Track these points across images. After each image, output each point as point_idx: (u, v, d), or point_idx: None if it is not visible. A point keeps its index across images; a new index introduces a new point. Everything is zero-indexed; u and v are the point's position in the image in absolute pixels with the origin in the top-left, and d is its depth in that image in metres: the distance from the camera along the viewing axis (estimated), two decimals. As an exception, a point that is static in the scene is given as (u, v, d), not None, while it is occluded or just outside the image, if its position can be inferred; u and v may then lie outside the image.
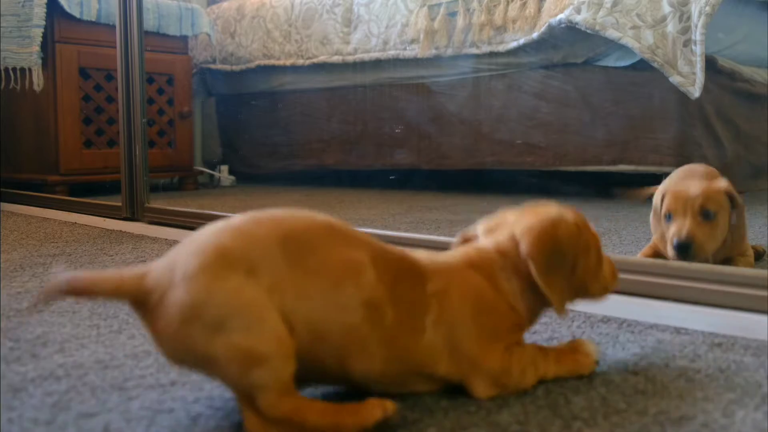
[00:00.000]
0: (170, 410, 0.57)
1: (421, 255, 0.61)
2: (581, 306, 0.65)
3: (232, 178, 3.07)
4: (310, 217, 0.56)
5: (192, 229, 1.54)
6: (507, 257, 0.62)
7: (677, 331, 0.78)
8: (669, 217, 1.10)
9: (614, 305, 0.86)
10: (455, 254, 0.63)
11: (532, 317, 0.64)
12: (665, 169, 1.97)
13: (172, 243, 1.44)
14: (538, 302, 0.63)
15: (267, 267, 0.51)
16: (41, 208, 2.04)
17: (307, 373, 0.53)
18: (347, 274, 0.53)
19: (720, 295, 0.87)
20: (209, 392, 0.61)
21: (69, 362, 0.69)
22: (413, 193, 2.47)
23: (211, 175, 3.09)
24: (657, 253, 1.17)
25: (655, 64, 1.85)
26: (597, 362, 0.65)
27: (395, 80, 2.53)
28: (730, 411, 0.56)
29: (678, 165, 1.91)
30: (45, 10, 2.31)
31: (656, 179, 1.96)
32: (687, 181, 1.12)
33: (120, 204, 1.76)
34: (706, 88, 1.82)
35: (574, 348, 0.65)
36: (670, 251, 1.08)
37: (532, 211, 0.65)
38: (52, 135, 2.40)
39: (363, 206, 2.11)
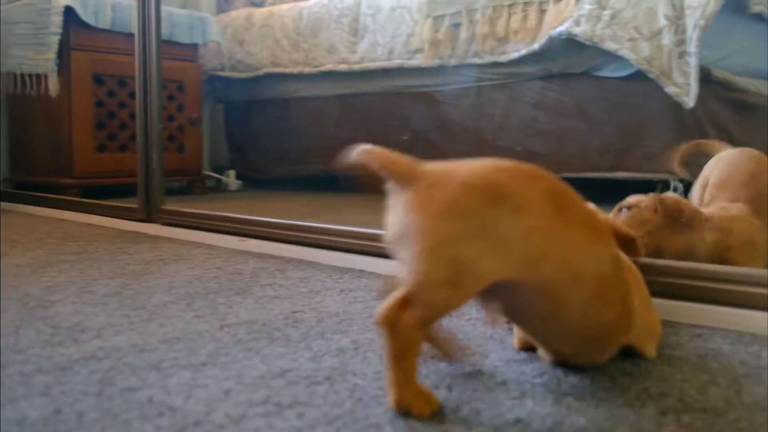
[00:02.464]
0: (204, 386, 0.64)
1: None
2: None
3: (239, 182, 3.14)
4: (560, 180, 0.61)
5: (206, 230, 1.62)
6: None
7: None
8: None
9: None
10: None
11: None
12: (660, 176, 2.04)
13: (187, 243, 1.51)
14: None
15: (534, 209, 0.56)
16: (57, 210, 2.11)
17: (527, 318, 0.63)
18: (598, 231, 0.61)
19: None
20: (238, 371, 0.68)
21: (108, 346, 0.76)
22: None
23: (219, 180, 3.16)
24: None
25: (651, 75, 1.92)
26: None
27: (400, 88, 2.60)
28: (704, 389, 0.63)
29: (671, 173, 1.99)
30: (62, 18, 2.39)
31: (651, 187, 2.05)
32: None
33: (136, 206, 1.83)
34: (700, 98, 1.89)
35: None
36: None
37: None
38: (66, 139, 2.47)
39: (367, 210, 2.17)
